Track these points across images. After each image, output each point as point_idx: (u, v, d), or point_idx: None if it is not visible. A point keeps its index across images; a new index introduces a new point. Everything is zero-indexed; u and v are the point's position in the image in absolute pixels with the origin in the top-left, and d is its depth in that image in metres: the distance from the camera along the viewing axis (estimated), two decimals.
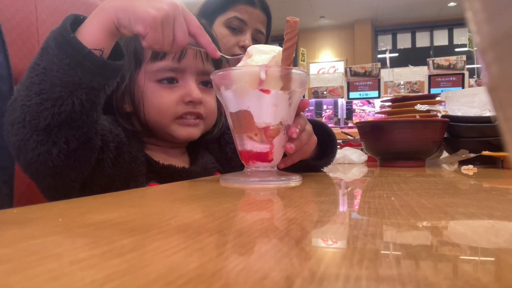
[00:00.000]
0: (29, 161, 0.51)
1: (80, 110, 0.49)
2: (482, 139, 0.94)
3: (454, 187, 0.54)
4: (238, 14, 1.06)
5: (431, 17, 7.52)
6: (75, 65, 0.48)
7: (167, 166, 0.69)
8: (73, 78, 0.48)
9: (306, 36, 7.99)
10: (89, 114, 0.51)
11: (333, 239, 0.24)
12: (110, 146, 0.61)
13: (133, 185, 0.64)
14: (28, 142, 0.49)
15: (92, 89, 0.49)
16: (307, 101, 0.62)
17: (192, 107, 0.69)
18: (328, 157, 0.76)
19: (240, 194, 0.47)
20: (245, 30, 1.07)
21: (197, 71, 0.71)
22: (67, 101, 0.48)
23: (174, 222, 0.27)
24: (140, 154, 0.67)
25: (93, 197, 0.39)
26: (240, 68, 0.56)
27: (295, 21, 0.53)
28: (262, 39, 1.12)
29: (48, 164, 0.51)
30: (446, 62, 4.41)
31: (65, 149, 0.50)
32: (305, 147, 0.63)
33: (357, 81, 4.69)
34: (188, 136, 0.71)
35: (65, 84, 0.48)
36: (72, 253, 0.19)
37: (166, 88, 0.68)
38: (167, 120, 0.69)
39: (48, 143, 0.49)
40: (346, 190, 0.53)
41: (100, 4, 0.52)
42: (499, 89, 0.10)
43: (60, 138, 0.50)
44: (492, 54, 0.10)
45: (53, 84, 0.48)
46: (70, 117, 0.49)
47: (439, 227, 0.27)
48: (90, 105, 0.50)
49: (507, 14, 0.10)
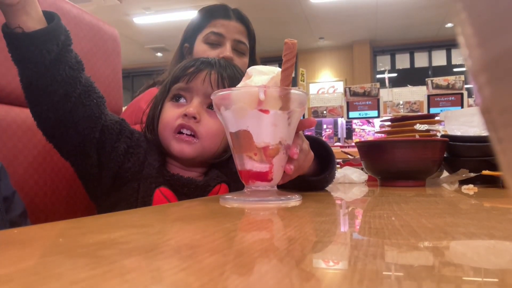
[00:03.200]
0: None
1: (49, 63, 0.63)
2: (482, 159, 0.95)
3: (455, 206, 0.54)
4: (214, 29, 1.12)
5: (429, 38, 7.63)
6: (12, 48, 0.62)
7: (174, 175, 0.75)
8: (27, 54, 0.61)
9: (306, 57, 8.09)
10: (56, 69, 0.63)
11: (333, 260, 0.24)
12: (125, 136, 0.73)
13: (142, 186, 0.72)
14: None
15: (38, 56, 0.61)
16: (314, 120, 0.65)
17: (187, 120, 0.73)
18: (326, 173, 0.76)
19: (240, 214, 0.47)
20: (224, 42, 1.12)
21: (204, 93, 0.75)
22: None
23: (174, 242, 0.27)
24: (155, 162, 0.75)
25: (94, 217, 0.39)
26: (239, 89, 0.57)
27: (293, 43, 0.54)
28: (244, 49, 1.16)
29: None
30: (444, 82, 4.45)
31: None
32: (302, 164, 0.64)
33: (356, 101, 4.73)
34: (180, 151, 0.74)
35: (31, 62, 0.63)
36: (73, 273, 0.19)
37: (175, 106, 0.77)
38: (168, 134, 0.75)
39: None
40: (347, 210, 0.53)
41: None
42: (492, 111, 0.11)
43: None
44: (484, 77, 0.11)
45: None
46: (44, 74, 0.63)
47: (439, 247, 0.27)
48: (51, 64, 0.63)
49: (498, 39, 0.10)
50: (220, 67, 0.78)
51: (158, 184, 0.72)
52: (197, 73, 0.76)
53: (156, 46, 7.85)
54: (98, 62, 1.03)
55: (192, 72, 0.76)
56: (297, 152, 0.58)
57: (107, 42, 1.06)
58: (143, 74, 8.44)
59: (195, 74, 0.76)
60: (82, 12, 1.00)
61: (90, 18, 1.02)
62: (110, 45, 1.08)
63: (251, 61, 1.21)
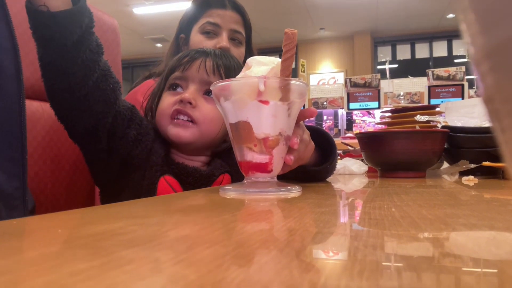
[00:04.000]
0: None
1: (72, 45, 0.62)
2: (482, 150, 0.94)
3: (455, 198, 0.54)
4: (210, 19, 1.12)
5: (430, 29, 7.59)
6: (35, 29, 0.61)
7: (179, 164, 0.76)
8: (50, 34, 0.60)
9: (306, 48, 8.04)
10: (83, 51, 0.63)
11: (333, 250, 0.24)
12: (135, 122, 0.73)
13: (148, 174, 0.72)
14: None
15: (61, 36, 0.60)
16: (315, 110, 0.65)
17: (183, 106, 0.74)
18: (326, 163, 0.76)
19: (239, 205, 0.47)
20: (220, 32, 1.12)
21: (200, 80, 0.76)
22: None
23: (172, 234, 0.27)
24: (161, 150, 0.75)
25: (93, 208, 0.39)
26: (239, 80, 0.56)
27: (293, 33, 0.54)
28: (241, 39, 1.16)
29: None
30: (445, 73, 4.44)
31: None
32: (303, 154, 0.64)
33: (357, 92, 4.71)
34: (176, 135, 0.74)
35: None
36: (71, 264, 0.19)
37: (171, 94, 0.78)
38: (165, 120, 0.76)
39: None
40: (346, 200, 0.53)
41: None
42: (495, 100, 0.10)
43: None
44: (486, 65, 0.10)
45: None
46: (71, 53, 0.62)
47: (440, 238, 0.27)
48: (73, 46, 0.62)
49: (501, 26, 0.10)
50: (215, 56, 0.79)
51: (163, 172, 0.73)
52: (192, 61, 0.77)
53: (156, 37, 7.81)
54: None
55: (187, 61, 0.77)
56: (297, 142, 0.58)
57: (106, 32, 1.06)
58: (142, 65, 8.41)
59: (190, 62, 0.77)
60: None
61: (90, 8, 1.01)
62: (110, 35, 1.07)
63: (248, 51, 1.20)
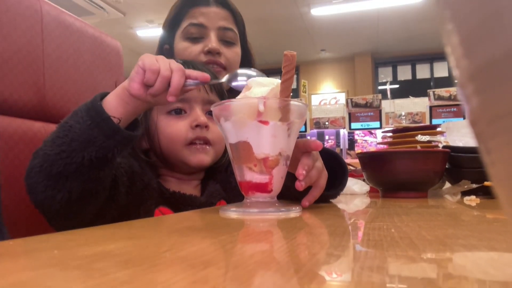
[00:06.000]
0: (38, 202, 0.58)
1: (89, 165, 0.55)
2: (483, 170, 0.94)
3: (456, 218, 0.54)
4: (192, 20, 0.94)
5: (431, 50, 7.65)
6: (94, 126, 0.56)
7: (176, 193, 0.73)
8: (89, 137, 0.55)
9: (308, 68, 8.12)
10: (96, 171, 0.57)
11: (330, 272, 0.24)
12: (122, 180, 0.66)
13: (143, 209, 0.68)
14: (39, 185, 0.56)
15: (101, 148, 0.56)
16: (320, 143, 0.64)
17: (199, 131, 0.73)
18: (338, 188, 0.75)
19: (239, 225, 0.46)
20: (207, 33, 0.93)
21: (202, 100, 0.75)
22: (79, 154, 0.55)
23: (169, 255, 0.27)
24: (152, 181, 0.72)
25: (91, 229, 0.39)
26: (239, 100, 0.57)
27: (292, 54, 0.55)
28: (233, 37, 0.96)
29: (52, 207, 0.57)
30: (446, 93, 4.46)
31: (67, 198, 0.56)
32: (319, 182, 0.64)
33: (358, 112, 4.73)
34: (199, 162, 0.73)
35: (82, 140, 0.55)
36: (64, 286, 0.19)
37: (176, 118, 0.74)
38: (179, 147, 0.73)
39: (54, 189, 0.56)
40: (346, 221, 0.53)
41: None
42: (479, 122, 0.11)
43: (65, 187, 0.56)
44: (471, 88, 0.11)
45: (73, 139, 0.56)
46: (79, 170, 0.55)
47: (437, 259, 0.27)
48: (98, 162, 0.56)
49: (483, 48, 0.10)
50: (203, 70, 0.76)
51: (157, 204, 0.71)
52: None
53: None
54: (100, 75, 1.04)
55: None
56: (303, 173, 0.58)
57: (109, 54, 1.07)
58: None
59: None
60: (85, 25, 1.01)
61: (93, 31, 1.04)
62: (113, 57, 1.09)
63: (244, 50, 1.01)
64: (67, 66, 0.94)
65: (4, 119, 0.82)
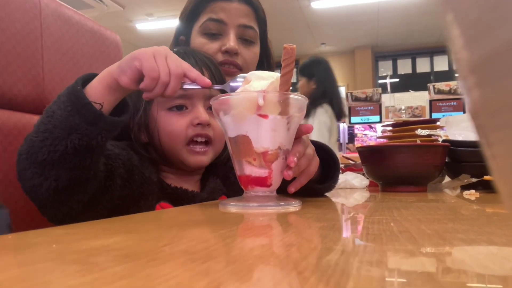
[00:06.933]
0: (26, 190, 0.57)
1: (73, 152, 0.54)
2: (483, 164, 0.94)
3: (455, 212, 0.54)
4: (212, 15, 0.88)
5: (431, 43, 7.63)
6: (75, 113, 0.54)
7: (177, 189, 0.72)
8: (71, 123, 0.54)
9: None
10: (82, 158, 0.55)
11: (329, 266, 0.24)
12: (119, 172, 0.64)
13: (143, 204, 0.67)
14: (26, 172, 0.56)
15: (85, 135, 0.54)
16: (311, 126, 0.64)
17: (201, 129, 0.71)
18: (330, 181, 0.76)
19: (238, 219, 0.46)
20: (226, 30, 0.88)
21: (204, 96, 0.73)
22: (62, 142, 0.54)
23: (168, 249, 0.26)
24: (153, 176, 0.71)
25: (90, 223, 0.39)
26: (239, 94, 0.57)
27: (292, 48, 0.54)
28: (253, 36, 0.91)
29: (39, 196, 0.56)
30: (446, 87, 4.45)
31: (54, 186, 0.55)
32: (309, 169, 0.63)
33: (358, 106, 4.72)
34: (198, 163, 0.73)
35: (64, 127, 0.54)
36: (62, 280, 0.19)
37: (177, 115, 0.72)
38: (179, 146, 0.71)
39: (41, 177, 0.55)
40: (346, 215, 0.53)
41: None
42: (480, 115, 0.10)
43: (51, 175, 0.55)
44: (472, 80, 0.10)
45: (55, 126, 0.54)
46: (63, 158, 0.54)
47: (436, 253, 0.27)
48: (83, 150, 0.55)
49: (485, 39, 0.10)
50: (204, 64, 0.76)
51: (158, 199, 0.70)
52: None
53: None
54: (99, 68, 1.03)
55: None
56: (294, 160, 0.57)
57: (109, 48, 1.07)
58: None
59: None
60: (84, 18, 1.01)
61: (92, 24, 1.03)
62: (112, 51, 1.08)
63: (263, 50, 0.96)
64: (66, 60, 0.93)
65: (3, 112, 0.82)
